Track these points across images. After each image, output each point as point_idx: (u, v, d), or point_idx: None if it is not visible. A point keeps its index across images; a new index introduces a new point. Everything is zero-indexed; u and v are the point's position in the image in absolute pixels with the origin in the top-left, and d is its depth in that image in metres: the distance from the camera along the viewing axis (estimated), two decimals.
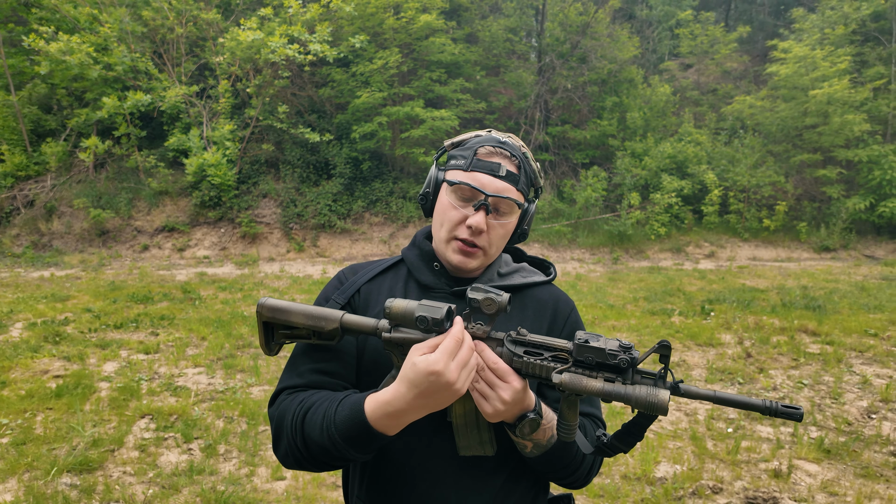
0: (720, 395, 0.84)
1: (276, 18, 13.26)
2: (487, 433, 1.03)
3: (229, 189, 12.74)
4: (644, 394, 0.83)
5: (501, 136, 1.15)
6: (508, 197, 1.10)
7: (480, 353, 0.96)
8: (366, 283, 1.21)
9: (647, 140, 14.57)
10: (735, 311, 7.42)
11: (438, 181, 1.16)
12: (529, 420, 0.97)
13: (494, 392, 0.94)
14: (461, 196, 1.11)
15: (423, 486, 1.10)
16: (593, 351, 0.88)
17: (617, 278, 10.35)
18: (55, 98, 14.70)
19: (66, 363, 5.38)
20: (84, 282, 9.78)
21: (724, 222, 13.69)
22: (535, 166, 1.17)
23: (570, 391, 0.88)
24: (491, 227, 1.11)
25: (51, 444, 3.74)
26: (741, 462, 3.58)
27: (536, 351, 0.95)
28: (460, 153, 1.14)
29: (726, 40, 17.40)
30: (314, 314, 1.08)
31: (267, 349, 1.14)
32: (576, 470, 1.10)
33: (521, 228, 1.19)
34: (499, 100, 15.50)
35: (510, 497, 1.13)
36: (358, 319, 1.05)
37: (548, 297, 1.24)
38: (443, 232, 1.14)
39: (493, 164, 1.10)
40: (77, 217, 13.06)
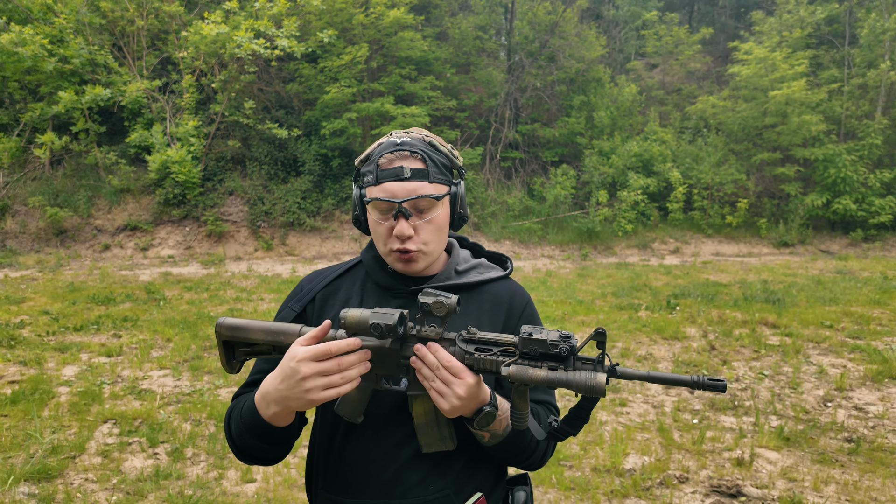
0: (653, 374, 0.91)
1: (242, 12, 12.97)
2: (447, 429, 1.08)
3: (194, 186, 12.42)
4: (583, 378, 0.90)
5: (399, 138, 1.14)
6: (422, 195, 1.10)
7: (435, 353, 1.00)
8: (322, 289, 1.25)
9: (614, 139, 14.83)
10: (699, 305, 7.63)
11: (361, 199, 1.18)
12: (485, 413, 1.02)
13: (450, 389, 0.98)
14: (379, 210, 1.13)
15: (386, 474, 1.12)
16: (536, 343, 0.94)
17: (586, 274, 10.52)
18: (7, 91, 14.05)
19: (22, 368, 5.17)
20: (41, 283, 9.41)
21: (689, 219, 14.05)
22: (445, 149, 1.17)
23: (517, 382, 0.94)
24: (419, 227, 1.12)
25: (6, 452, 3.58)
26: (706, 452, 3.69)
27: (486, 347, 1.01)
28: (367, 168, 1.15)
29: (690, 41, 17.83)
30: (273, 329, 1.10)
31: (228, 367, 1.17)
32: (531, 454, 1.16)
33: (456, 213, 1.19)
34: (469, 98, 15.54)
35: (471, 480, 1.17)
36: None
37: (504, 291, 1.27)
38: (380, 246, 1.18)
39: (395, 169, 1.10)
40: (32, 216, 12.54)
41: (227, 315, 1.23)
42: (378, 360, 1.05)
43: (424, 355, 1.01)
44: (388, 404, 1.12)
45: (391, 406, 1.12)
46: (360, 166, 1.18)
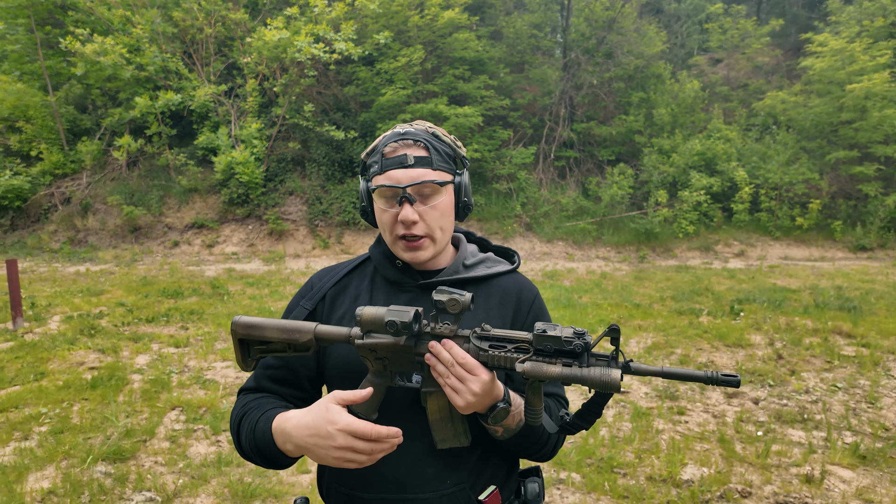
0: (666, 370, 0.91)
1: (302, 17, 13.40)
2: (462, 425, 1.08)
3: (257, 187, 12.95)
4: (598, 374, 0.91)
5: (403, 128, 1.17)
6: (424, 181, 1.12)
7: (449, 350, 1.00)
8: (332, 286, 1.26)
9: (674, 137, 14.30)
10: (766, 312, 7.25)
11: (368, 192, 1.20)
12: (500, 409, 1.03)
13: (465, 385, 0.99)
14: (384, 197, 1.15)
15: (401, 468, 1.13)
16: (551, 339, 0.94)
17: (643, 277, 10.20)
18: (90, 98, 15.15)
19: (100, 355, 5.55)
20: (117, 277, 10.07)
21: (755, 220, 13.36)
22: (449, 139, 1.18)
23: (532, 378, 0.95)
24: (423, 213, 1.14)
25: (86, 433, 3.86)
26: (771, 466, 3.50)
27: (500, 344, 1.01)
28: (373, 160, 1.17)
29: (758, 34, 16.94)
30: (288, 328, 1.12)
31: (243, 365, 1.18)
32: (542, 447, 1.17)
33: (461, 202, 1.20)
34: (523, 97, 15.40)
35: (484, 472, 1.18)
36: (331, 329, 1.10)
37: (512, 285, 1.27)
38: (386, 236, 1.19)
39: (399, 157, 1.13)
40: (111, 214, 13.45)
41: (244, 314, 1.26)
42: (392, 357, 1.06)
43: (439, 352, 1.01)
44: (401, 400, 1.13)
45: (404, 401, 1.13)
46: (367, 158, 1.20)
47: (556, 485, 3.28)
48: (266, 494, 3.17)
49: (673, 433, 3.97)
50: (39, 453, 3.56)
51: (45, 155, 13.87)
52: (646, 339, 6.13)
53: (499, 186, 13.91)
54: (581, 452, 3.60)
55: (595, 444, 3.75)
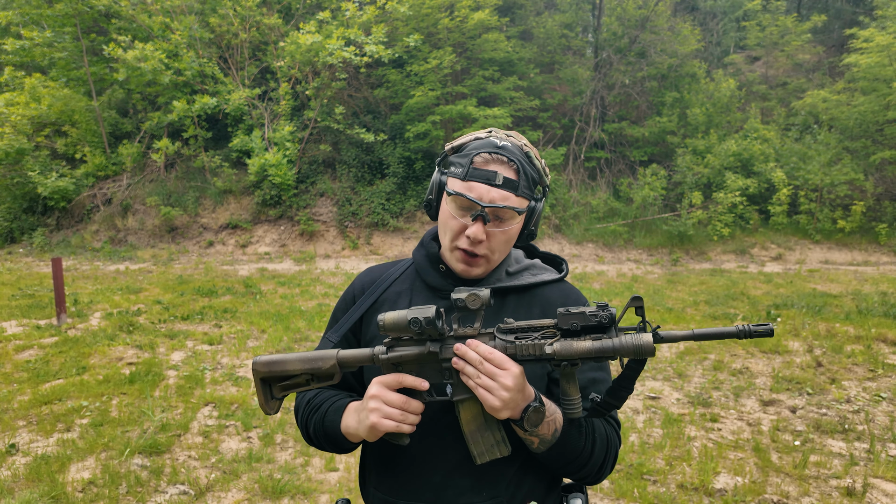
0: (697, 332, 0.90)
1: (334, 21, 13.59)
2: (499, 433, 1.04)
3: (289, 188, 13.18)
4: (630, 341, 0.90)
5: (500, 140, 1.12)
6: (506, 206, 1.08)
7: (475, 348, 0.99)
8: (371, 306, 1.24)
9: (709, 137, 13.96)
10: (804, 318, 7.00)
11: (441, 186, 1.16)
12: (533, 409, 1.00)
13: (496, 382, 0.96)
14: (459, 206, 1.11)
15: (436, 477, 1.12)
16: (576, 316, 0.93)
17: (676, 280, 9.99)
18: (131, 102, 15.69)
19: (138, 351, 5.74)
20: (155, 275, 10.39)
21: (794, 223, 12.93)
22: (539, 164, 1.15)
23: (563, 357, 0.93)
24: (491, 235, 1.11)
25: (125, 426, 3.99)
26: (809, 477, 3.38)
27: (525, 334, 1.00)
28: (458, 160, 1.12)
29: (798, 31, 16.40)
30: (310, 357, 1.11)
31: (266, 408, 1.14)
32: (585, 464, 1.11)
33: (527, 229, 1.18)
34: (553, 97, 15.27)
35: (522, 485, 1.14)
36: (354, 353, 1.09)
37: (557, 295, 1.21)
38: (446, 240, 1.16)
39: (489, 172, 1.08)
40: (149, 214, 13.89)
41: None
42: (419, 369, 1.05)
43: (465, 353, 0.99)
44: (435, 408, 1.10)
45: (438, 410, 1.11)
46: (451, 154, 1.16)
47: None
48: (295, 491, 3.22)
49: (705, 440, 3.87)
50: (81, 445, 3.69)
51: (89, 157, 14.43)
52: (678, 345, 6.00)
53: None
54: None
55: (625, 450, 3.68)
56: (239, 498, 3.16)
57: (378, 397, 1.03)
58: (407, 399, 1.03)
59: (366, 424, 1.04)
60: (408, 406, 1.03)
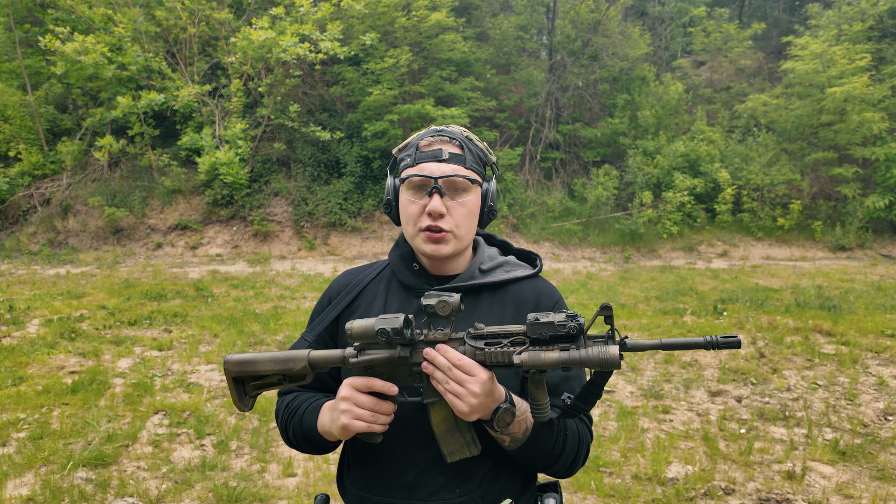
0: (665, 341, 0.92)
1: (288, 17, 13.31)
2: (469, 434, 1.06)
3: (241, 188, 12.83)
4: (597, 353, 0.90)
5: (440, 126, 1.20)
6: (457, 175, 1.13)
7: (444, 353, 0.99)
8: (350, 302, 1.25)
9: (659, 138, 14.45)
10: (748, 311, 7.35)
11: (395, 187, 1.20)
12: (503, 411, 1.01)
13: (465, 388, 0.97)
14: (414, 188, 1.15)
15: (410, 475, 1.13)
16: (544, 326, 0.93)
17: (628, 277, 10.29)
18: (71, 98, 14.90)
19: (81, 359, 5.46)
20: (99, 279, 9.91)
21: (738, 221, 13.55)
22: (482, 146, 1.20)
23: (531, 367, 0.93)
24: (451, 208, 1.13)
25: (67, 438, 3.79)
26: (754, 463, 3.55)
27: (496, 340, 0.99)
28: (406, 154, 1.19)
29: (740, 37, 17.19)
30: (281, 358, 1.11)
31: (241, 405, 1.16)
32: (556, 460, 1.13)
33: (486, 206, 1.20)
34: (509, 98, 15.46)
35: (496, 482, 1.16)
36: (325, 354, 1.10)
37: (530, 292, 1.23)
38: (409, 228, 1.17)
39: (434, 151, 1.14)
40: (92, 215, 13.23)
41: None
42: (390, 372, 1.05)
43: (434, 357, 0.99)
44: (410, 407, 1.12)
45: (413, 409, 1.12)
46: (398, 153, 1.21)
47: None
48: (251, 498, 3.14)
49: (658, 432, 4.00)
50: (18, 460, 3.49)
51: (24, 155, 13.61)
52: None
53: None
54: None
55: None
56: None
57: (349, 399, 1.04)
58: (377, 401, 1.04)
59: (337, 425, 1.07)
60: (378, 407, 1.04)
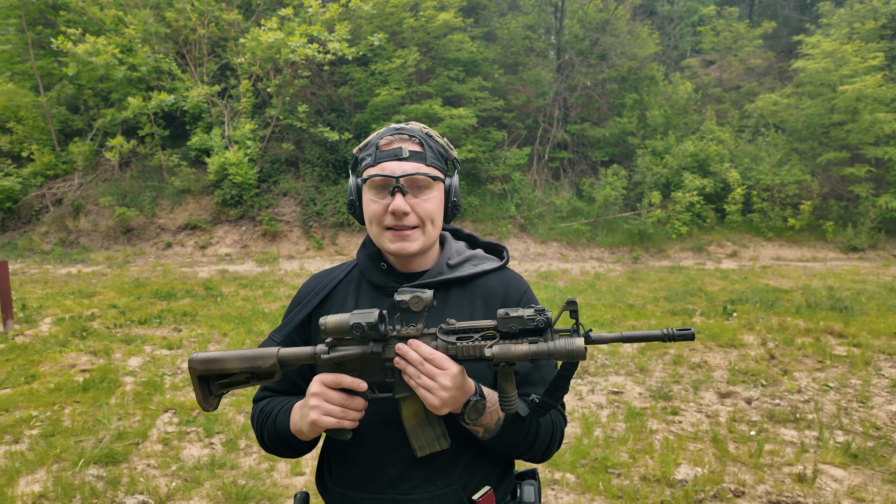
0: (625, 334, 0.97)
1: (296, 18, 13.37)
2: (439, 428, 1.08)
3: (250, 188, 12.90)
4: (563, 345, 0.95)
5: (399, 124, 1.19)
6: (418, 173, 1.13)
7: (416, 348, 1.01)
8: (318, 304, 1.25)
9: (668, 138, 14.38)
10: (758, 312, 7.29)
11: (358, 186, 1.20)
12: (473, 403, 1.04)
13: (436, 382, 0.99)
14: (376, 187, 1.15)
15: (392, 471, 1.15)
16: (514, 320, 0.97)
17: (637, 278, 10.24)
18: (82, 98, 15.05)
19: (92, 358, 5.51)
20: (110, 278, 10.00)
21: (748, 221, 13.45)
22: (442, 142, 1.21)
23: (501, 360, 0.97)
24: (415, 205, 1.14)
25: (78, 436, 3.83)
26: (764, 465, 3.52)
27: (467, 335, 1.02)
28: (366, 153, 1.18)
29: (750, 36, 17.06)
30: (249, 356, 1.10)
31: (205, 404, 1.14)
32: (530, 447, 1.16)
33: (450, 202, 1.21)
34: (517, 98, 15.44)
35: (476, 472, 1.18)
36: (295, 351, 1.09)
37: (498, 284, 1.24)
38: (374, 228, 1.18)
39: (395, 149, 1.14)
40: (103, 215, 13.35)
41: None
42: (363, 368, 1.06)
43: (406, 352, 1.01)
44: (386, 405, 1.13)
45: (392, 406, 1.13)
46: (359, 153, 1.21)
47: (551, 485, 3.29)
48: (260, 496, 3.16)
49: (667, 433, 3.98)
50: (30, 457, 3.53)
51: (37, 156, 13.77)
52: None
53: (493, 187, 13.93)
54: (575, 453, 3.61)
55: (589, 444, 3.75)
56: None
57: (319, 395, 1.05)
58: (347, 397, 1.05)
59: (307, 420, 1.06)
60: (348, 403, 1.05)
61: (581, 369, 5.23)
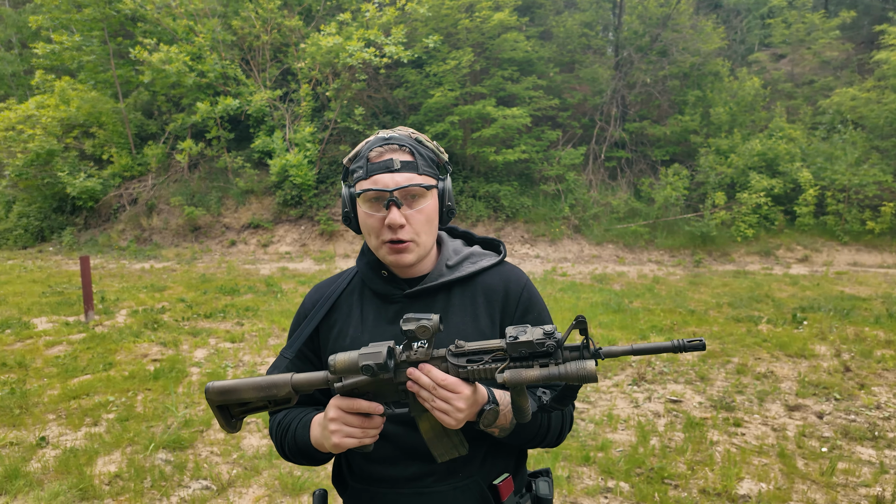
0: (636, 346, 0.96)
1: (354, 23, 13.68)
2: (456, 437, 1.10)
3: (309, 188, 13.31)
4: (575, 369, 0.95)
5: (387, 133, 1.18)
6: (412, 184, 1.13)
7: (428, 373, 1.01)
8: (324, 317, 1.27)
9: (733, 136, 13.73)
10: (832, 321, 6.84)
11: (352, 197, 1.20)
12: (487, 412, 1.05)
13: (451, 405, 1.01)
14: (371, 201, 1.15)
15: (415, 466, 1.18)
16: (524, 345, 0.97)
17: (698, 282, 9.84)
18: (156, 104, 16.00)
19: (162, 348, 5.85)
20: (179, 274, 10.57)
21: (821, 224, 12.64)
22: (431, 145, 1.20)
23: (513, 384, 0.97)
24: (410, 217, 1.14)
25: (149, 421, 4.07)
26: (837, 485, 3.30)
27: (477, 357, 1.03)
28: (357, 165, 1.17)
29: (826, 27, 16.03)
30: (264, 385, 1.11)
31: (228, 428, 1.17)
32: (544, 438, 1.20)
33: (444, 206, 1.20)
34: (573, 96, 15.17)
35: (495, 462, 1.22)
36: (308, 377, 1.10)
37: (498, 280, 1.25)
38: (372, 240, 1.18)
39: (386, 161, 1.13)
40: (173, 214, 14.14)
41: None
42: (377, 391, 1.07)
43: (418, 378, 1.01)
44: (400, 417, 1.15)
45: (404, 418, 1.15)
46: (350, 164, 1.20)
47: (604, 493, 3.21)
48: (314, 488, 3.24)
49: (728, 445, 3.80)
50: (107, 439, 3.78)
51: (116, 158, 14.75)
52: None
53: (546, 188, 13.75)
54: (630, 461, 3.51)
55: (645, 453, 3.64)
56: (259, 494, 3.20)
57: (337, 420, 1.06)
58: (365, 419, 1.06)
59: (330, 442, 1.08)
60: (367, 424, 1.07)
61: (637, 376, 5.08)
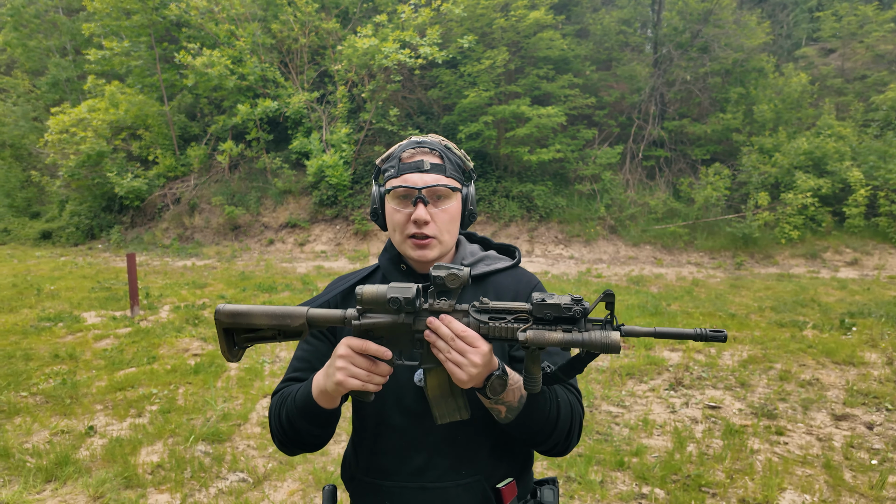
0: (658, 330, 0.94)
1: (390, 24, 13.80)
2: (461, 399, 1.10)
3: (344, 189, 13.51)
4: (599, 337, 0.94)
5: (419, 138, 1.27)
6: (439, 184, 1.20)
7: (448, 324, 1.03)
8: (341, 291, 1.31)
9: (778, 134, 13.24)
10: (884, 327, 6.52)
11: (381, 195, 1.27)
12: (496, 378, 1.04)
13: (466, 358, 1.01)
14: (399, 197, 1.22)
15: (420, 459, 1.21)
16: (551, 307, 0.97)
17: (740, 285, 9.53)
18: (199, 107, 16.53)
19: (203, 344, 6.03)
20: (219, 271, 10.89)
21: (872, 226, 12.06)
22: (460, 153, 1.28)
23: (534, 345, 0.97)
24: (434, 215, 1.21)
25: (189, 414, 4.21)
26: (887, 499, 3.15)
27: (500, 316, 1.03)
28: (389, 164, 1.25)
29: (880, 20, 15.28)
30: (278, 313, 1.10)
31: (229, 355, 1.15)
32: (552, 432, 1.17)
33: (466, 210, 1.27)
34: (610, 94, 14.92)
35: (499, 467, 1.24)
36: (325, 312, 1.11)
37: (510, 282, 1.30)
38: (396, 235, 1.25)
39: (417, 162, 1.21)
40: (214, 213, 14.57)
41: None
42: (390, 336, 1.07)
43: (438, 327, 1.03)
44: (412, 397, 1.20)
45: (414, 399, 1.19)
46: (382, 164, 1.28)
47: (638, 499, 3.15)
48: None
49: (770, 454, 3.67)
50: (150, 430, 3.92)
51: (160, 159, 15.31)
52: (741, 352, 5.73)
53: (582, 187, 13.57)
54: (666, 468, 3.43)
55: (682, 459, 3.55)
56: (294, 488, 3.27)
57: (346, 357, 1.07)
58: (373, 363, 1.07)
59: (332, 380, 1.08)
60: (374, 369, 1.07)
61: (675, 381, 4.96)
